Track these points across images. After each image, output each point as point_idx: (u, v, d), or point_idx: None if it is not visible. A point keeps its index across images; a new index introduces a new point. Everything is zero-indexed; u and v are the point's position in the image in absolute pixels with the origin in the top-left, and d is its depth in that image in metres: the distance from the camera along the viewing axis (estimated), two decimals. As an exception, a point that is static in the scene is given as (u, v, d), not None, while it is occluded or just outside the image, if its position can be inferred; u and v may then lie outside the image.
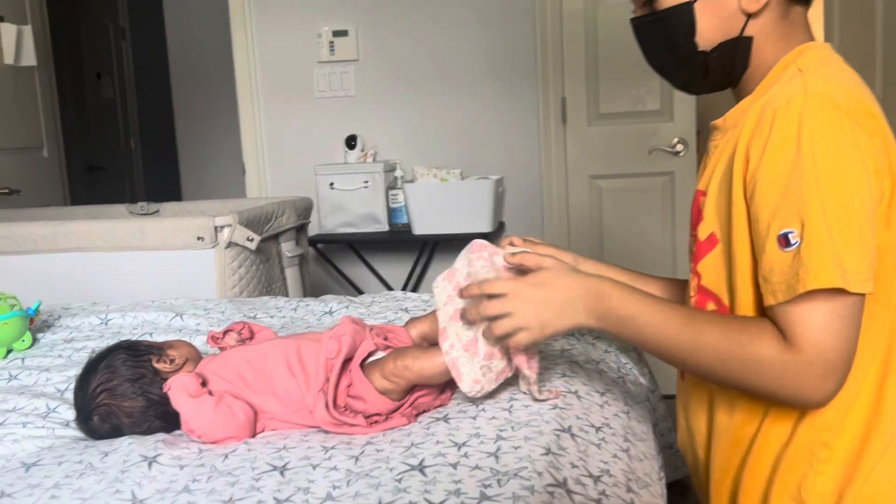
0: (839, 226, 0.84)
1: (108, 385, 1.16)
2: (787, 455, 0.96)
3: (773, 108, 0.90)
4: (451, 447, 1.00)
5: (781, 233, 0.86)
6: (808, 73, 0.92)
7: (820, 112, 0.87)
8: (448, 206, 3.17)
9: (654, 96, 3.33)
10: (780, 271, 0.86)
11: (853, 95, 0.90)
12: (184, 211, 2.77)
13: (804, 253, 0.84)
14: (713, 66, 1.00)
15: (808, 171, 0.85)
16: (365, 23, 3.47)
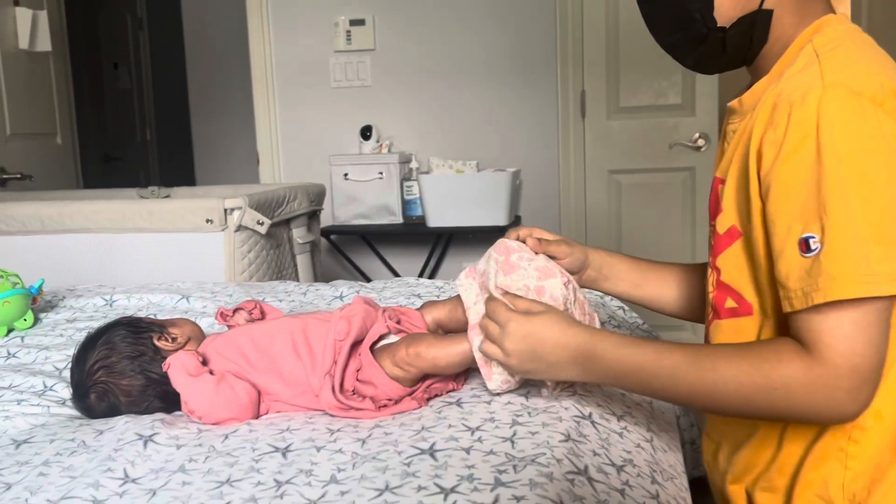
0: (868, 226, 0.78)
1: (106, 362, 1.11)
2: (815, 451, 0.90)
3: (789, 101, 0.84)
4: (465, 431, 0.94)
5: (802, 237, 0.81)
6: (825, 57, 0.86)
7: (839, 104, 0.80)
8: (463, 199, 3.11)
9: (676, 90, 3.26)
10: (797, 277, 0.81)
11: (875, 77, 0.83)
12: (195, 195, 2.73)
13: (824, 259, 0.79)
14: (731, 43, 0.94)
15: (831, 171, 0.79)
16: (382, 12, 3.42)
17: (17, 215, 2.20)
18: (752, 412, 0.86)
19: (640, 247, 3.34)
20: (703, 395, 0.87)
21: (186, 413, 1.07)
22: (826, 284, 0.78)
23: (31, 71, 3.35)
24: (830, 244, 0.79)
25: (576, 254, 1.14)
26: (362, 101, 3.50)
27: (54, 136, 3.58)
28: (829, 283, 0.78)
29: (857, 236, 0.78)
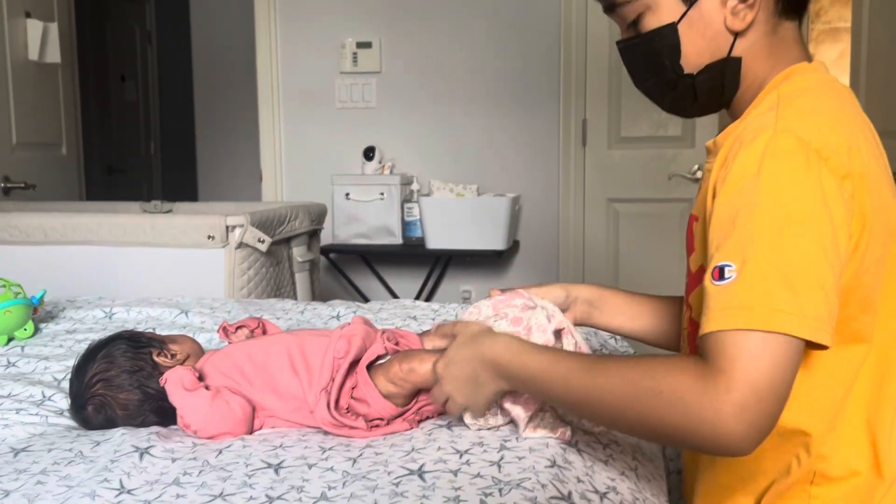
0: (783, 269, 0.78)
1: (104, 375, 1.13)
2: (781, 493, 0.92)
3: (741, 141, 0.86)
4: (453, 454, 0.96)
5: (719, 265, 0.81)
6: (784, 105, 0.87)
7: (785, 149, 0.82)
8: (463, 222, 3.15)
9: (676, 121, 3.29)
10: (709, 304, 0.81)
11: (828, 132, 0.84)
12: (197, 211, 2.75)
13: (738, 289, 0.79)
14: (701, 89, 0.96)
15: (762, 208, 0.80)
16: (389, 36, 3.47)
17: (21, 225, 2.23)
18: (634, 419, 0.83)
19: (637, 275, 3.37)
20: (593, 399, 0.86)
21: (182, 427, 1.09)
22: (735, 313, 0.78)
23: (40, 82, 3.39)
24: (745, 276, 0.79)
25: (554, 292, 1.15)
26: (366, 122, 3.54)
27: (60, 146, 3.61)
28: (738, 312, 0.78)
29: (772, 275, 0.78)
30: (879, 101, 2.56)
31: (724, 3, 0.92)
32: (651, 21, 0.94)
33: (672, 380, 0.80)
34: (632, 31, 0.98)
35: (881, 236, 0.88)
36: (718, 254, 0.82)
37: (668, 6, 0.93)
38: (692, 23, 0.93)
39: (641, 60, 0.99)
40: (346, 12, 3.50)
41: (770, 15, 0.93)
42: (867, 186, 0.85)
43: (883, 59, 2.62)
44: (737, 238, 0.81)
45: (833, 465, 0.90)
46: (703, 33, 0.93)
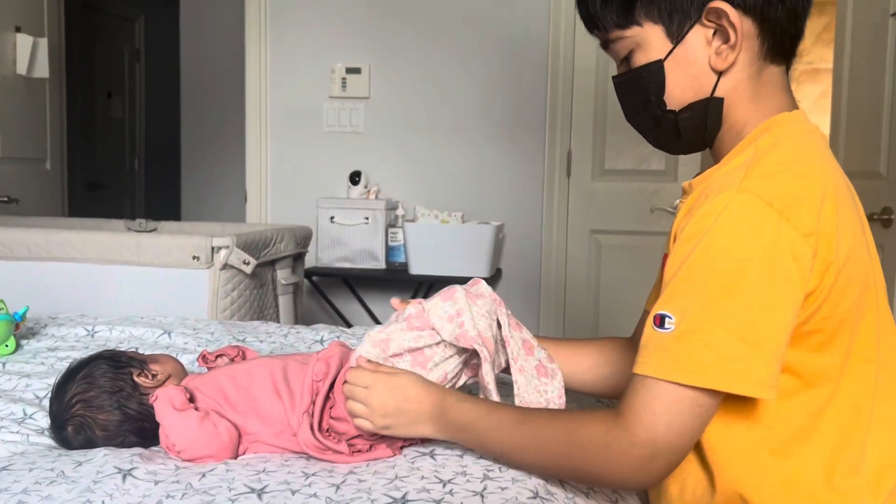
0: (719, 330, 0.82)
1: (84, 395, 1.13)
2: None
3: (706, 195, 0.89)
4: (437, 483, 0.97)
5: (660, 313, 0.86)
6: (756, 162, 0.89)
7: (743, 209, 0.84)
8: (447, 248, 3.16)
9: (660, 156, 3.34)
10: (646, 347, 0.87)
11: (798, 188, 0.86)
12: (182, 231, 2.75)
13: (675, 342, 0.84)
14: (684, 126, 0.98)
15: (709, 266, 0.84)
16: (379, 62, 3.51)
17: (4, 241, 2.22)
18: (559, 469, 0.93)
19: (618, 305, 3.39)
20: (517, 450, 0.95)
21: (165, 448, 1.09)
22: (660, 361, 0.84)
23: (27, 96, 3.39)
24: (682, 330, 0.84)
25: None
26: (353, 146, 3.56)
27: (44, 161, 3.61)
28: (663, 361, 0.84)
29: (707, 334, 0.82)
30: (859, 143, 2.61)
31: (709, 43, 0.94)
32: (640, 57, 0.97)
33: (583, 433, 0.89)
34: (624, 66, 1.01)
35: (856, 285, 0.90)
36: (661, 301, 0.87)
37: (656, 44, 0.96)
38: (678, 61, 0.95)
39: (631, 95, 1.02)
40: (337, 38, 3.53)
41: (755, 58, 0.95)
42: (837, 241, 0.86)
43: (864, 101, 2.68)
44: (679, 290, 0.85)
45: None
46: (688, 71, 0.95)
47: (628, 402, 0.86)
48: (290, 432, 1.08)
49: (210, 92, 4.65)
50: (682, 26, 0.94)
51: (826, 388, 0.91)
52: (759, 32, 0.94)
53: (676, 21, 0.94)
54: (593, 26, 1.02)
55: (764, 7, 0.93)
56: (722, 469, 0.94)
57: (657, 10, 0.94)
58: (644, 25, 0.96)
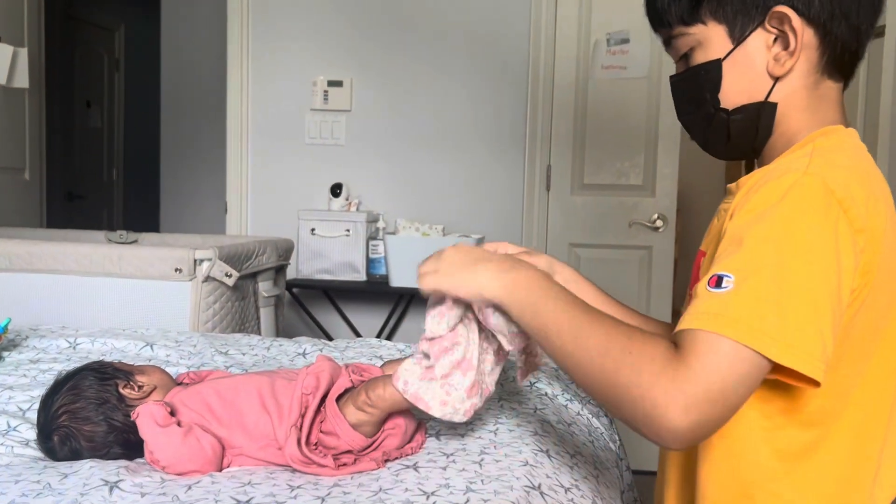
0: (781, 297, 0.80)
1: (70, 407, 1.14)
2: None
3: (769, 178, 0.89)
4: (420, 496, 0.99)
5: (717, 273, 0.83)
6: (818, 154, 0.91)
7: (810, 190, 0.85)
8: (427, 262, 3.18)
9: (638, 171, 3.39)
10: (698, 305, 0.83)
11: (855, 186, 0.87)
12: (163, 243, 2.75)
13: (731, 300, 0.81)
14: (735, 128, 0.99)
15: (775, 235, 0.83)
16: (361, 75, 3.53)
17: (-16, 251, 2.21)
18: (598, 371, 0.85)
19: (596, 320, 3.43)
20: (571, 337, 0.89)
21: (150, 462, 1.09)
22: (719, 319, 0.80)
23: (6, 105, 3.38)
24: (740, 291, 0.81)
25: (541, 261, 1.20)
26: (335, 159, 3.58)
27: (23, 171, 3.59)
28: (722, 320, 0.80)
29: (767, 299, 0.80)
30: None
31: (769, 48, 0.95)
32: (700, 56, 0.99)
33: (643, 348, 0.83)
34: (682, 64, 1.02)
35: (885, 296, 0.90)
36: (720, 265, 0.84)
37: (717, 43, 0.97)
38: (736, 62, 0.97)
39: (686, 93, 1.03)
40: (319, 51, 3.55)
41: (812, 69, 0.96)
42: (880, 247, 0.88)
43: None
44: (743, 256, 0.83)
45: None
46: (745, 74, 0.97)
47: (689, 347, 0.81)
48: (276, 446, 1.09)
49: (190, 102, 4.65)
50: (745, 28, 0.96)
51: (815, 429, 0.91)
52: (819, 44, 0.95)
53: (740, 22, 0.96)
54: (659, 22, 1.03)
55: (828, 20, 0.94)
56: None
57: (723, 10, 0.96)
58: (708, 24, 0.97)
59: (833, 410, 0.91)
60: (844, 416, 0.92)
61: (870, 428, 0.94)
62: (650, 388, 0.80)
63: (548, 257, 1.22)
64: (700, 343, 0.80)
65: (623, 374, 0.83)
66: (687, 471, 1.02)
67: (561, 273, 1.21)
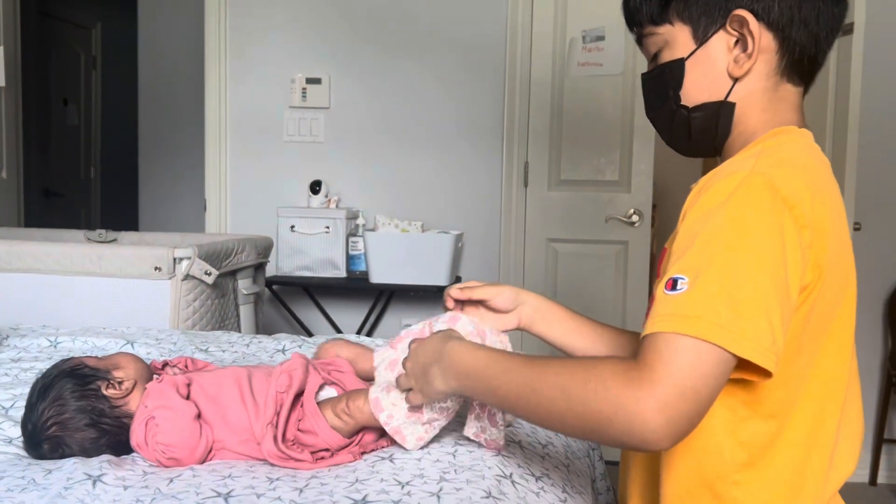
0: (740, 294, 0.83)
1: (59, 418, 1.14)
2: None
3: (719, 177, 0.92)
4: (395, 485, 1.02)
5: (672, 276, 0.86)
6: (764, 155, 0.94)
7: (755, 189, 0.88)
8: (407, 257, 3.21)
9: (614, 167, 3.44)
10: (657, 309, 0.86)
11: (799, 184, 0.90)
12: (143, 241, 2.76)
13: (686, 300, 0.84)
14: (695, 125, 1.03)
15: (723, 234, 0.86)
16: (339, 73, 3.55)
17: (-37, 251, 2.21)
18: (565, 409, 0.87)
19: (573, 314, 3.47)
20: (529, 389, 0.91)
21: (136, 447, 1.12)
22: (677, 319, 0.83)
23: (-17, 104, 3.37)
24: (694, 290, 0.84)
25: (505, 292, 1.22)
26: (313, 156, 3.59)
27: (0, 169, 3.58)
28: (679, 319, 0.83)
29: (720, 295, 0.83)
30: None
31: (730, 50, 0.99)
32: (667, 55, 1.03)
33: (601, 371, 0.85)
34: (653, 63, 1.07)
35: (834, 289, 0.94)
36: (674, 267, 0.87)
37: (682, 43, 1.02)
38: (699, 61, 1.01)
39: (653, 91, 1.07)
40: (297, 48, 3.57)
41: (772, 72, 1.00)
42: (826, 242, 0.91)
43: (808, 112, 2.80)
44: (694, 256, 0.86)
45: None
46: (707, 73, 1.00)
47: (648, 352, 0.83)
48: (255, 440, 1.12)
49: (168, 100, 4.65)
50: (708, 30, 1.00)
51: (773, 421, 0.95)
52: (778, 48, 0.99)
53: (703, 24, 1.00)
54: (631, 21, 1.07)
55: (787, 25, 0.98)
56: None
57: (688, 11, 1.00)
58: (675, 24, 1.02)
59: (791, 401, 0.95)
60: (801, 407, 0.96)
61: (825, 417, 0.98)
62: (621, 403, 0.82)
63: (512, 290, 1.24)
64: (661, 345, 0.83)
65: (593, 403, 0.84)
66: (651, 465, 1.05)
67: (528, 302, 1.24)
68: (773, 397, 0.94)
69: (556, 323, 1.24)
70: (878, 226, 3.30)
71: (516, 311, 1.23)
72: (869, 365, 3.40)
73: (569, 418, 0.87)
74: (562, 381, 0.88)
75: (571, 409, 0.86)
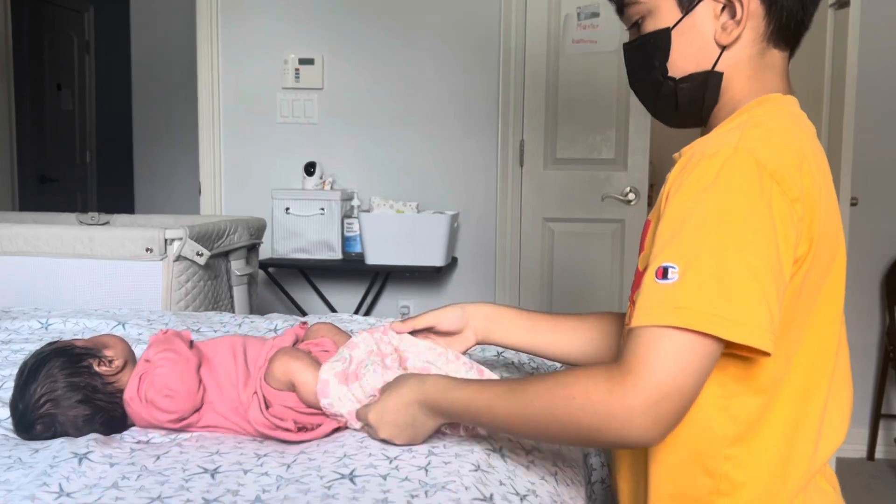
0: (723, 279, 0.83)
1: (52, 395, 1.13)
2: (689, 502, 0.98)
3: (703, 153, 0.90)
4: (383, 460, 1.02)
5: (663, 265, 0.85)
6: (750, 126, 0.92)
7: (741, 167, 0.87)
8: (402, 238, 3.20)
9: (610, 145, 3.42)
10: (647, 299, 0.85)
11: (787, 156, 0.89)
12: (135, 223, 2.75)
13: (676, 290, 0.83)
14: (682, 96, 1.01)
15: (711, 218, 0.85)
16: (332, 53, 3.52)
17: (-46, 235, 2.20)
18: (556, 429, 0.89)
19: (571, 291, 3.47)
20: (517, 417, 0.92)
21: (128, 400, 1.13)
22: (666, 310, 0.83)
23: (-25, 89, 3.35)
24: (685, 280, 0.83)
25: (448, 313, 1.21)
26: (308, 137, 3.58)
27: (-7, 155, 3.56)
28: (668, 310, 0.83)
29: (711, 282, 0.83)
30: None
31: (717, 18, 0.97)
32: (650, 25, 1.01)
33: (582, 386, 0.86)
34: (634, 32, 1.04)
35: (824, 260, 0.93)
36: (663, 254, 0.86)
37: (666, 12, 0.99)
38: (684, 30, 0.98)
39: (636, 61, 1.05)
40: (290, 28, 3.54)
41: (759, 38, 0.98)
42: (817, 212, 0.90)
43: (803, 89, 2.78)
44: (683, 242, 0.85)
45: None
46: (693, 42, 0.98)
47: (630, 351, 0.84)
48: (243, 408, 1.13)
49: (162, 83, 4.62)
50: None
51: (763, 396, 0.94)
52: (765, 14, 0.97)
53: None
54: None
55: None
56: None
57: None
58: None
59: (781, 375, 0.95)
60: (790, 380, 0.95)
61: (813, 389, 0.98)
62: (608, 411, 0.83)
63: (457, 307, 1.22)
64: (641, 345, 0.83)
65: (583, 419, 0.85)
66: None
67: (476, 314, 1.22)
68: (764, 372, 0.93)
69: (511, 327, 1.22)
70: (875, 201, 3.29)
71: (468, 327, 1.22)
72: (866, 340, 3.40)
73: (563, 436, 0.90)
74: (548, 406, 0.89)
75: (564, 429, 0.88)
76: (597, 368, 0.87)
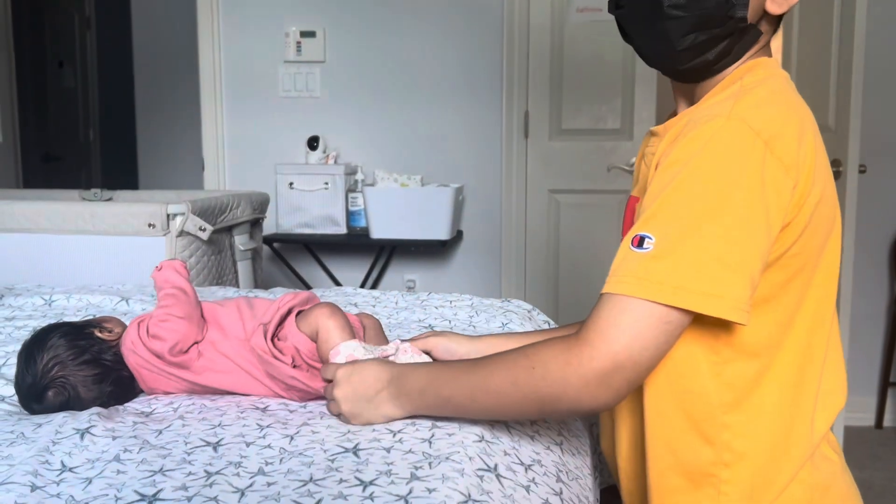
0: (703, 253, 0.82)
1: (60, 358, 1.14)
2: (692, 474, 0.96)
3: (695, 123, 0.89)
4: (387, 434, 1.01)
5: (640, 234, 0.85)
6: (743, 94, 0.90)
7: (731, 136, 0.85)
8: (407, 212, 3.18)
9: (615, 115, 3.38)
10: (619, 266, 0.86)
11: (782, 122, 0.87)
12: (138, 199, 2.74)
13: (650, 260, 0.83)
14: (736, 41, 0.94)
15: (696, 190, 0.84)
16: (334, 25, 3.49)
17: (-43, 213, 2.20)
18: (520, 398, 0.90)
19: (577, 263, 3.45)
20: (480, 391, 0.93)
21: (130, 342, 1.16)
22: (635, 280, 0.83)
23: (-25, 67, 3.33)
24: (659, 250, 0.83)
25: (443, 341, 1.19)
26: (310, 111, 3.55)
27: (-4, 133, 3.55)
28: (637, 281, 0.83)
29: (684, 255, 0.82)
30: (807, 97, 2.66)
31: None
32: None
33: (542, 356, 0.88)
34: None
35: (823, 226, 0.92)
36: (641, 222, 0.86)
37: None
38: None
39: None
40: (291, 1, 3.50)
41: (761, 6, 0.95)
42: (812, 178, 0.88)
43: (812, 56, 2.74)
44: (663, 212, 0.85)
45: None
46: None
47: (592, 319, 0.86)
48: (248, 346, 1.15)
49: (163, 59, 4.59)
50: None
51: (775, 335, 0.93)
52: None
53: None
54: None
55: None
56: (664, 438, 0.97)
57: None
58: None
59: (776, 340, 0.94)
60: (787, 345, 0.94)
61: (810, 355, 0.97)
62: (564, 378, 0.86)
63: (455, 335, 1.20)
64: (609, 308, 0.85)
65: (543, 388, 0.88)
66: (636, 407, 1.02)
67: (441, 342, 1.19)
68: (757, 336, 0.92)
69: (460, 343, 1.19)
70: (883, 169, 3.25)
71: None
72: (875, 308, 3.38)
73: (524, 406, 0.91)
74: (510, 375, 0.90)
75: (525, 398, 0.90)
76: (558, 339, 0.89)
